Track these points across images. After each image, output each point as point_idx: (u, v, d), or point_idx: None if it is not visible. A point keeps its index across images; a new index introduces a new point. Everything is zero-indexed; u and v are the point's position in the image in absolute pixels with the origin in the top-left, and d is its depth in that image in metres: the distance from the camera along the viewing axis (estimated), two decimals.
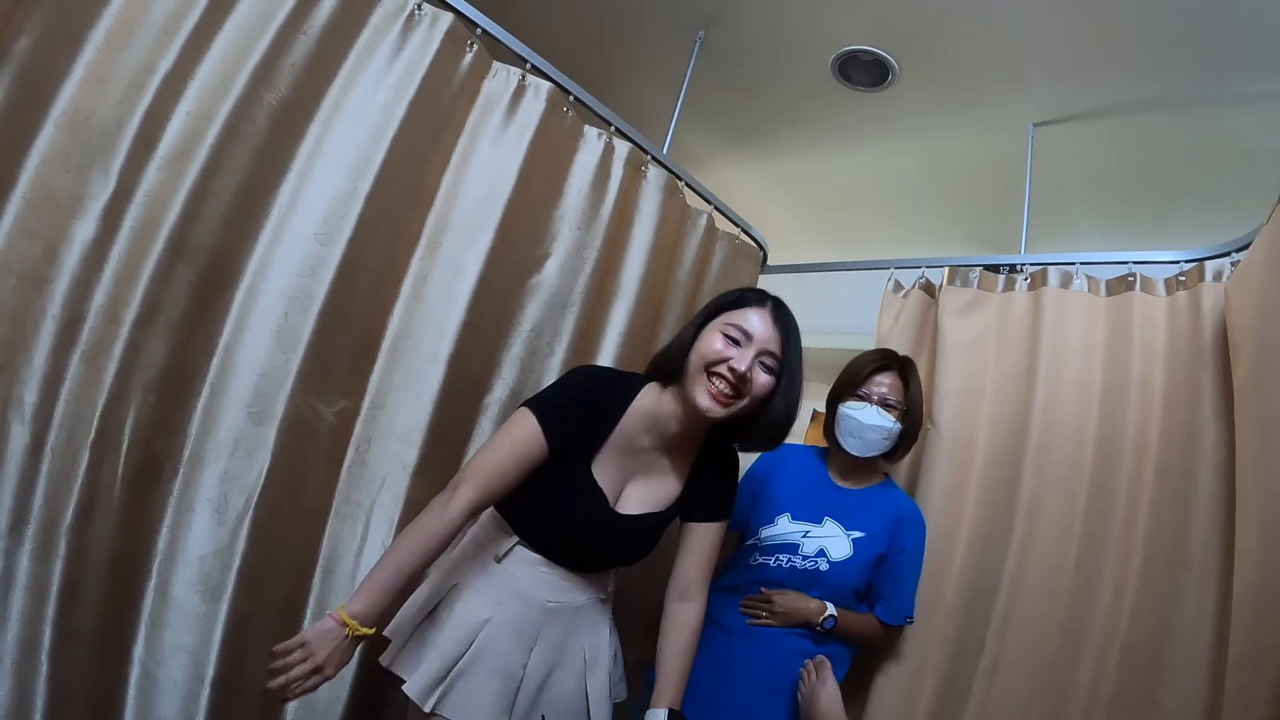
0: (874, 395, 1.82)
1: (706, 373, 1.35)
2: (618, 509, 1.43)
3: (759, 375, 1.36)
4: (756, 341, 1.35)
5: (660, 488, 1.48)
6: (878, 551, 1.79)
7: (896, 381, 1.84)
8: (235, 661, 1.46)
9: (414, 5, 1.68)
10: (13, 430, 1.27)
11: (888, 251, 3.34)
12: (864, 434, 1.80)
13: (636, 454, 1.44)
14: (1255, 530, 1.48)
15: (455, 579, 1.41)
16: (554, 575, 1.43)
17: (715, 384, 1.34)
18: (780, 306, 1.42)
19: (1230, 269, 1.89)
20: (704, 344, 1.37)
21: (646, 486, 1.47)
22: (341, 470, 1.63)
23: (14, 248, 1.27)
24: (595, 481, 1.40)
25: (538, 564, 1.42)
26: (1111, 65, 2.37)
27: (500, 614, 1.37)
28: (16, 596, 1.27)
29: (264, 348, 1.49)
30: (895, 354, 1.90)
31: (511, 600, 1.39)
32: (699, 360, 1.36)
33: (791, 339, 1.40)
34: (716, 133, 3.31)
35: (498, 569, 1.41)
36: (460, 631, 1.34)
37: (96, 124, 1.34)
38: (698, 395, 1.34)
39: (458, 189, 1.76)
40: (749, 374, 1.33)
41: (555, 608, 1.42)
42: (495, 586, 1.40)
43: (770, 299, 1.43)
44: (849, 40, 2.54)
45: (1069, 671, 1.83)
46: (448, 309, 1.69)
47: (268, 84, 1.48)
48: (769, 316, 1.38)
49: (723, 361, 1.34)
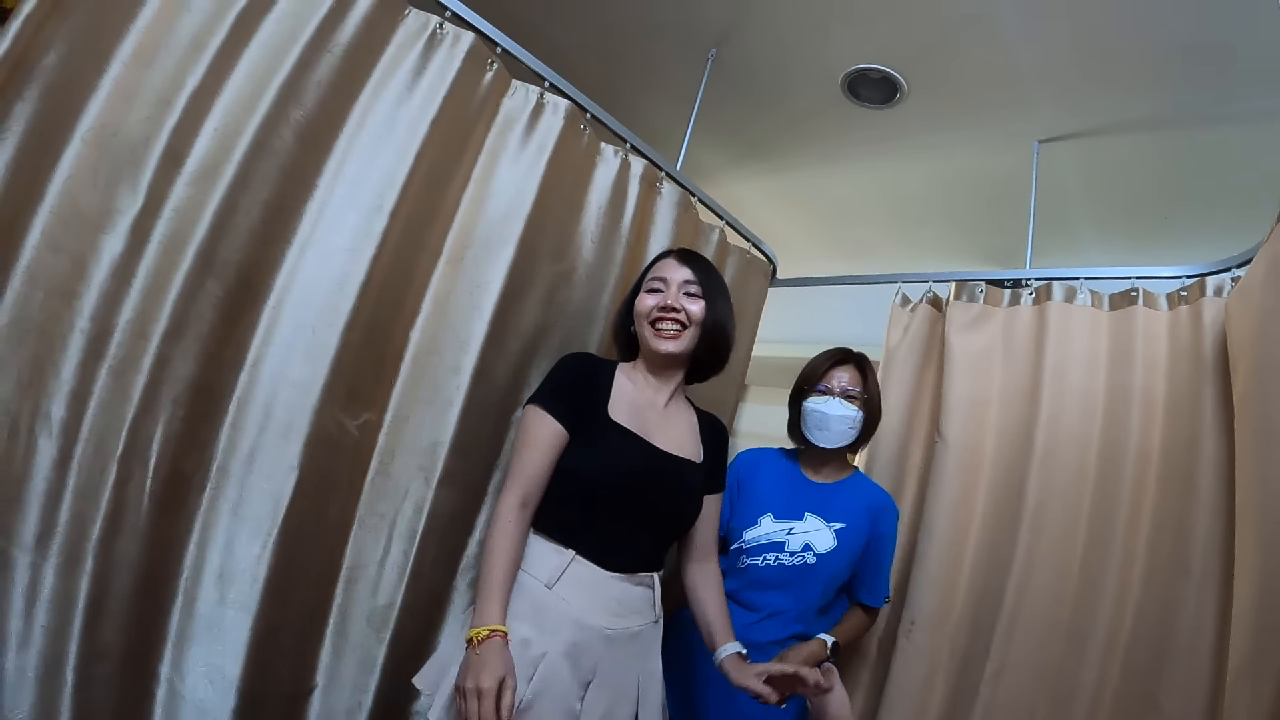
0: (835, 388, 1.88)
1: (650, 324, 1.56)
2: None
3: (689, 304, 1.56)
4: (674, 280, 1.57)
5: (683, 440, 1.60)
6: (860, 540, 1.84)
7: (854, 374, 1.90)
8: (261, 675, 1.45)
9: (436, 24, 1.70)
10: (40, 444, 1.26)
11: (895, 266, 3.40)
12: (830, 425, 1.85)
13: (648, 411, 1.57)
14: (1255, 537, 1.51)
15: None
16: (610, 593, 1.43)
17: (660, 328, 1.55)
18: (686, 251, 1.66)
19: (1231, 284, 1.93)
20: (638, 307, 1.59)
21: (669, 436, 1.57)
22: (365, 482, 1.63)
23: (42, 262, 1.26)
24: (623, 425, 1.50)
25: (594, 583, 1.42)
26: (1114, 84, 2.42)
27: (556, 645, 1.34)
28: (41, 610, 1.26)
29: (291, 362, 1.49)
30: (849, 350, 1.96)
31: (567, 628, 1.37)
32: (640, 321, 1.58)
33: (706, 269, 1.61)
34: (728, 148, 3.34)
35: (550, 596, 1.39)
36: (518, 667, 1.29)
37: (124, 140, 1.33)
38: (653, 344, 1.55)
39: (480, 205, 1.77)
40: (677, 304, 1.55)
41: (614, 635, 1.41)
42: (549, 616, 1.37)
43: (676, 250, 1.66)
44: (858, 58, 2.58)
45: (1073, 675, 1.87)
46: (471, 323, 1.70)
47: (294, 101, 1.49)
48: (677, 259, 1.61)
49: (654, 309, 1.56)
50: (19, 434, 1.24)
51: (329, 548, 1.58)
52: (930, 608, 2.01)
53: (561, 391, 1.50)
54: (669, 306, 1.54)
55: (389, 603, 1.61)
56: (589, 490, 1.46)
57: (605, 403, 1.52)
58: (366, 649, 1.59)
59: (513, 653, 1.29)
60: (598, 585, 1.42)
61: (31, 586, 1.26)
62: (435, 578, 1.69)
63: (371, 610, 1.60)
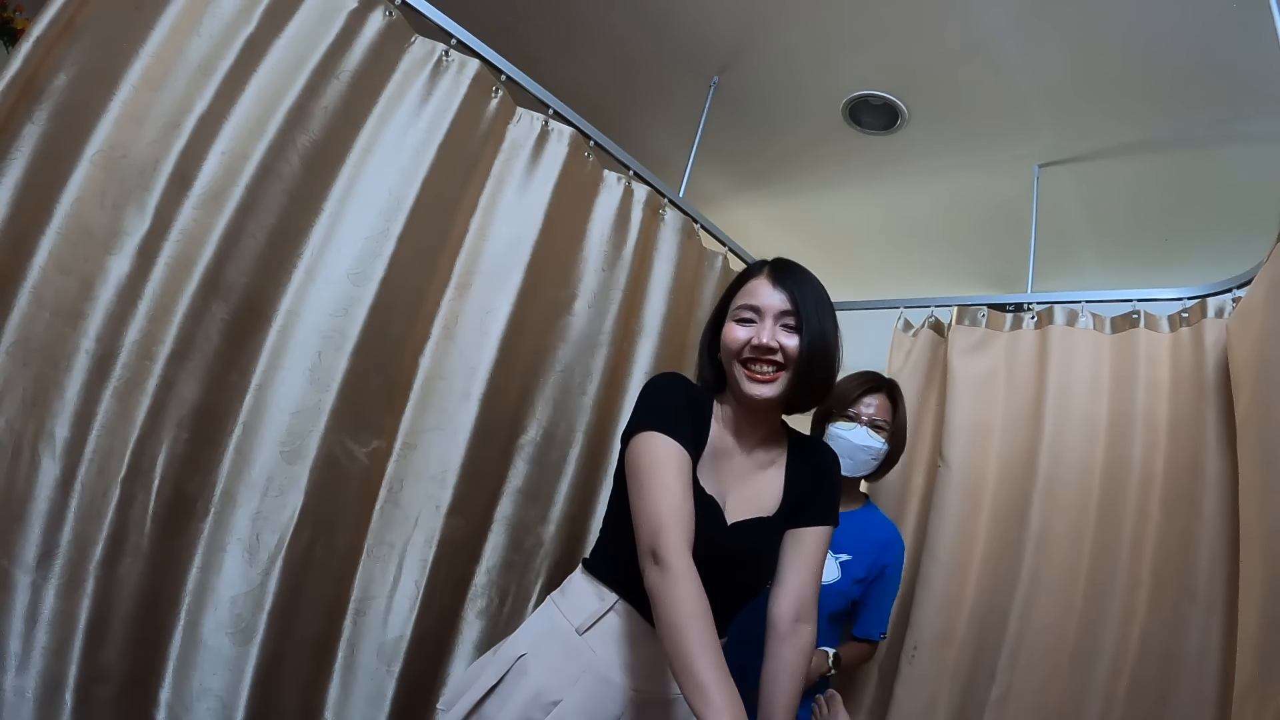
0: (863, 416, 1.83)
1: (741, 364, 1.29)
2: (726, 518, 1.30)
3: (786, 340, 1.27)
4: (768, 310, 1.29)
5: (761, 493, 1.35)
6: (861, 575, 1.81)
7: (885, 403, 1.86)
8: (265, 705, 1.43)
9: (441, 52, 1.72)
10: (43, 464, 1.26)
11: (897, 290, 3.41)
12: (854, 454, 1.81)
13: (728, 460, 1.35)
14: (1259, 560, 1.50)
15: (524, 648, 1.25)
16: (647, 651, 1.23)
17: (753, 369, 1.28)
18: (781, 265, 1.36)
19: (1232, 305, 1.93)
20: (726, 340, 1.32)
21: (745, 493, 1.34)
22: (374, 511, 1.62)
23: (49, 282, 1.27)
24: (704, 489, 1.27)
25: (631, 637, 1.23)
26: (1113, 108, 2.44)
27: (574, 697, 1.18)
28: (41, 631, 1.25)
29: (297, 386, 1.49)
30: (882, 376, 1.92)
31: (589, 682, 1.20)
32: (728, 357, 1.31)
33: (803, 288, 1.31)
34: (731, 174, 3.36)
35: (578, 643, 1.23)
36: (525, 711, 1.18)
37: (133, 162, 1.35)
38: (745, 386, 1.28)
39: (486, 231, 1.78)
40: (773, 343, 1.27)
41: (641, 699, 1.22)
42: (572, 663, 1.21)
43: (769, 263, 1.37)
44: (860, 85, 2.61)
45: (1078, 702, 1.85)
46: (480, 349, 1.70)
47: (301, 126, 1.50)
48: (771, 280, 1.32)
49: (746, 346, 1.28)
50: (23, 453, 1.25)
51: (337, 577, 1.57)
52: (934, 632, 2.00)
53: (680, 414, 1.25)
54: (764, 347, 1.26)
55: (399, 635, 1.58)
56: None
57: (703, 445, 1.30)
58: (376, 683, 1.56)
59: (523, 694, 1.18)
60: (635, 640, 1.23)
61: (32, 607, 1.25)
62: (445, 609, 1.67)
63: (381, 643, 1.58)
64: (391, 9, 1.65)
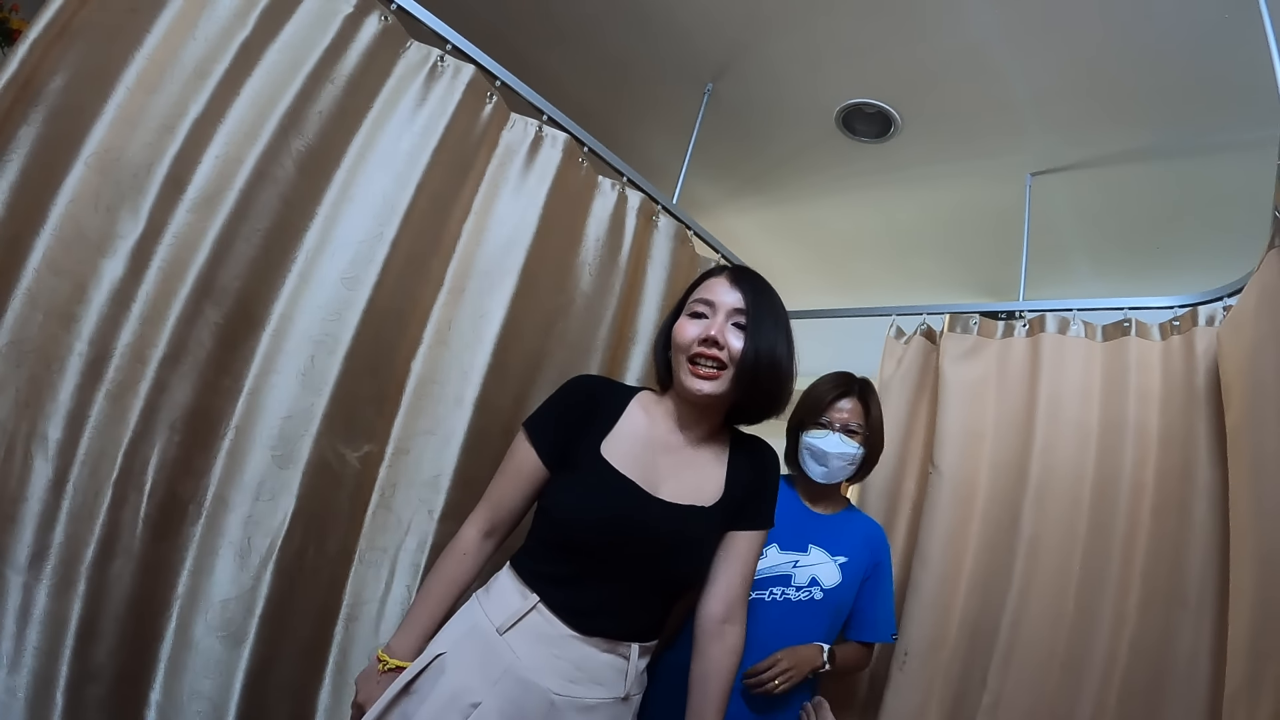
0: (835, 422, 1.80)
1: (689, 360, 1.29)
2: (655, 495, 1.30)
3: (733, 339, 1.28)
4: (721, 306, 1.30)
5: (701, 484, 1.35)
6: (861, 575, 1.80)
7: (857, 406, 1.83)
8: (256, 709, 1.43)
9: (437, 57, 1.73)
10: (36, 465, 1.26)
11: (889, 297, 3.41)
12: (829, 462, 1.78)
13: (666, 451, 1.34)
14: (1249, 567, 1.51)
15: (443, 646, 1.24)
16: (568, 654, 1.22)
17: (697, 364, 1.28)
18: (743, 270, 1.38)
19: (1222, 313, 1.93)
20: (676, 334, 1.33)
21: (684, 482, 1.33)
22: (366, 515, 1.62)
23: (43, 284, 1.27)
24: (613, 466, 1.28)
25: (551, 640, 1.22)
26: (1106, 117, 2.46)
27: (493, 700, 1.17)
28: (33, 631, 1.25)
29: (289, 391, 1.49)
30: (854, 377, 1.88)
31: (509, 684, 1.18)
32: (677, 351, 1.32)
33: (759, 295, 1.32)
34: (724, 181, 3.38)
35: (498, 643, 1.21)
36: (443, 713, 1.16)
37: (127, 164, 1.35)
38: (685, 380, 1.28)
39: (480, 236, 1.78)
40: (719, 337, 1.27)
41: (562, 703, 1.20)
42: (492, 664, 1.20)
43: (729, 267, 1.39)
44: (853, 93, 2.63)
45: (1069, 708, 1.85)
46: (473, 354, 1.70)
47: (296, 130, 1.50)
48: (729, 280, 1.33)
49: (695, 342, 1.28)
50: (15, 454, 1.25)
51: (328, 582, 1.57)
52: (925, 639, 2.00)
53: (549, 419, 1.34)
54: (710, 339, 1.27)
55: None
56: (563, 535, 1.27)
57: (601, 437, 1.31)
58: None
59: (439, 695, 1.18)
60: (555, 642, 1.22)
61: (24, 607, 1.25)
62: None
63: (374, 648, 1.54)
64: (387, 14, 1.66)
